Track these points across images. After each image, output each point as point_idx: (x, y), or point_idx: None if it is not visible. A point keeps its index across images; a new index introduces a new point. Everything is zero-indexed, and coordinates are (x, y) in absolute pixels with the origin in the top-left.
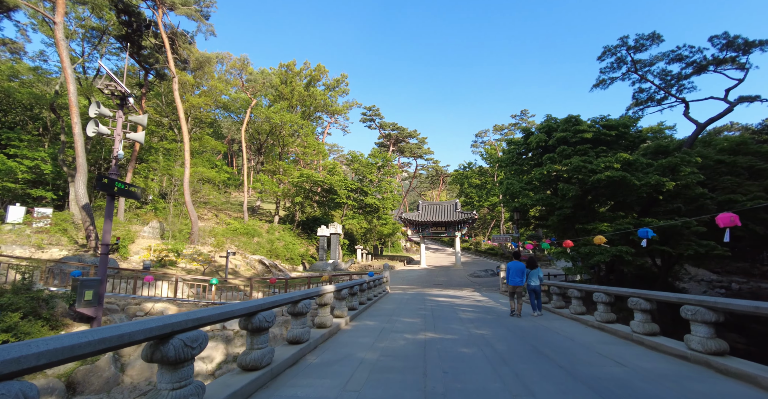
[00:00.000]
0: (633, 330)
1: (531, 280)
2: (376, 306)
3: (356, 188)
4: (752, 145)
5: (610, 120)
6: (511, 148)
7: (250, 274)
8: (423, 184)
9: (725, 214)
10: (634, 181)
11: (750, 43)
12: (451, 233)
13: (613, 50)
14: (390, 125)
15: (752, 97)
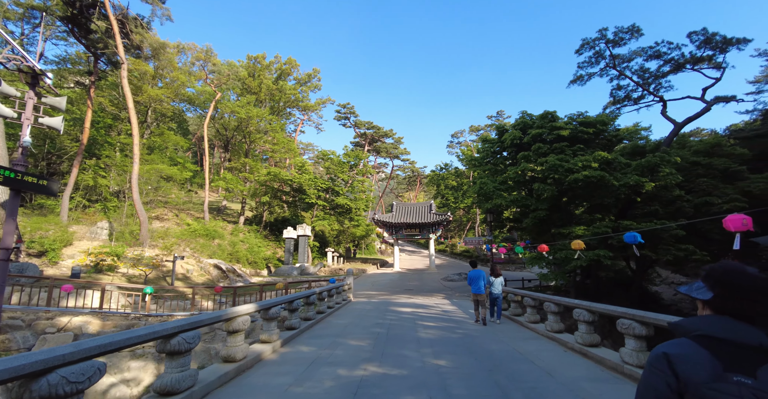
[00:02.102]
0: (624, 360)
1: (493, 287)
2: (329, 321)
3: (327, 188)
4: (727, 147)
5: (587, 117)
6: (486, 147)
7: (203, 279)
8: (400, 186)
9: (736, 216)
10: (612, 181)
11: (728, 40)
12: (426, 235)
13: (591, 43)
14: (365, 124)
15: (728, 97)
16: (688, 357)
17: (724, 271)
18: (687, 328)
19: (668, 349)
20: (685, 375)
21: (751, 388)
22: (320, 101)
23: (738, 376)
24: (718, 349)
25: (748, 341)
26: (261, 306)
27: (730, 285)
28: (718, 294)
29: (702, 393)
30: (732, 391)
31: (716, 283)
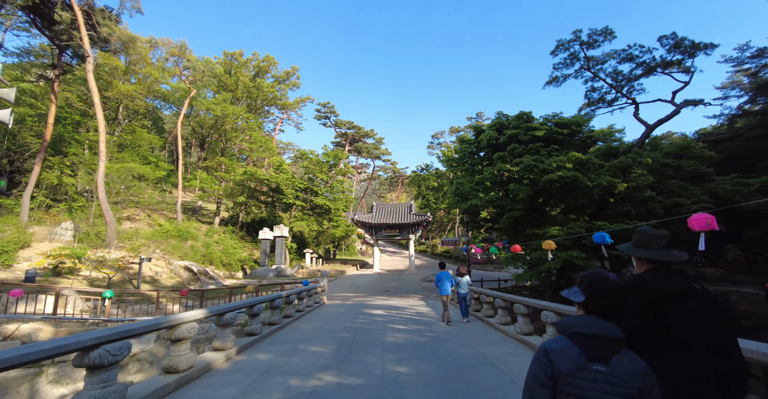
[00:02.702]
0: None
1: (460, 288)
2: (296, 325)
3: (305, 188)
4: (695, 149)
5: (562, 118)
6: (463, 147)
7: (173, 282)
8: (383, 186)
9: (700, 215)
10: (586, 181)
11: (696, 45)
12: (406, 236)
13: (566, 45)
14: (346, 123)
15: (697, 100)
16: (562, 351)
17: (591, 278)
18: (564, 326)
19: (548, 345)
20: (558, 366)
21: (604, 374)
22: (299, 100)
23: (596, 365)
24: (585, 343)
25: (608, 335)
26: (213, 312)
27: (596, 289)
28: (587, 297)
29: (567, 381)
30: (589, 378)
31: (586, 288)
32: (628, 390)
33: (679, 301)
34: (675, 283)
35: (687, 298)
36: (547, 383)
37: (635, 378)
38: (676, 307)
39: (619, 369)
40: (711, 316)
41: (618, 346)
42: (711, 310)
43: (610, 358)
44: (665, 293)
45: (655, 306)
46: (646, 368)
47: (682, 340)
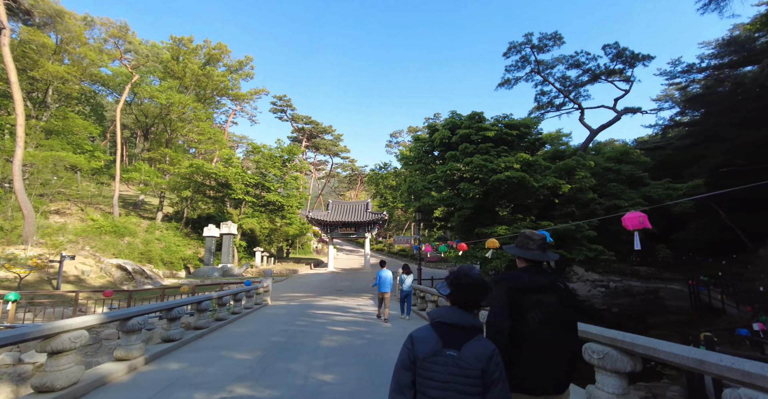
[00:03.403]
0: None
1: (403, 285)
2: (227, 329)
3: (257, 183)
4: (634, 155)
5: (512, 120)
6: (417, 145)
7: (102, 282)
8: (342, 184)
9: (633, 213)
10: (532, 182)
11: (635, 55)
12: (361, 234)
13: (518, 47)
14: (303, 118)
15: (635, 108)
16: (423, 338)
17: (456, 274)
18: (431, 316)
19: (415, 333)
20: (418, 351)
21: (454, 358)
22: (253, 91)
23: (449, 351)
24: (445, 331)
25: (464, 323)
26: (113, 317)
27: (458, 283)
28: (452, 290)
29: (423, 364)
30: (441, 362)
31: (451, 282)
32: (472, 371)
33: (533, 295)
34: (534, 280)
35: (541, 292)
36: (410, 367)
37: (480, 361)
38: (529, 299)
39: (468, 353)
40: (556, 309)
41: (473, 334)
42: (557, 304)
43: (463, 344)
44: (523, 288)
45: (513, 298)
46: (493, 353)
47: (530, 327)
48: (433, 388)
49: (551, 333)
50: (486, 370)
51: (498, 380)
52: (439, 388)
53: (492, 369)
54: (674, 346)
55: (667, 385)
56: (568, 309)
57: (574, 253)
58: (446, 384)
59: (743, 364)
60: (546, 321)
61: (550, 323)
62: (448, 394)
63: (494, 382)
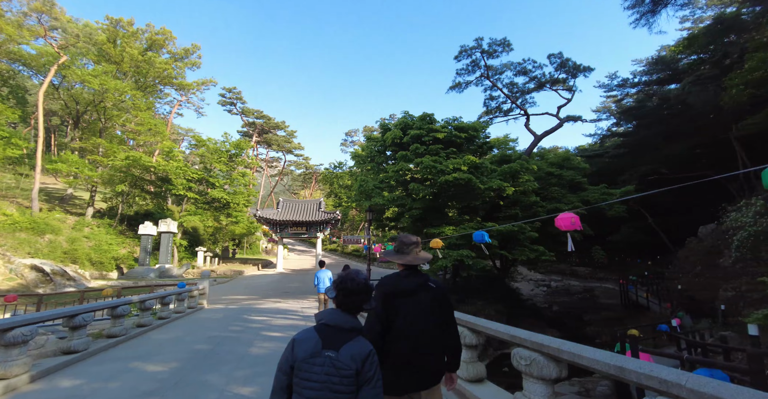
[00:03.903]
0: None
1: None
2: (148, 336)
3: (200, 178)
4: (574, 161)
5: (462, 122)
6: (370, 144)
7: (13, 285)
8: (296, 183)
9: (565, 214)
10: (478, 184)
11: (577, 66)
12: (313, 234)
13: (469, 51)
14: (254, 112)
15: (576, 117)
16: (304, 340)
17: (341, 278)
18: (317, 318)
19: (296, 336)
20: (297, 353)
21: (332, 358)
22: (200, 82)
23: (328, 351)
24: (326, 332)
25: (345, 325)
26: None
27: (341, 287)
28: (337, 294)
29: (300, 365)
30: (319, 363)
31: (336, 286)
32: (347, 371)
33: (406, 298)
34: (408, 283)
35: (413, 294)
36: (286, 370)
37: (356, 361)
38: (402, 302)
39: (345, 354)
40: (427, 310)
41: (353, 335)
42: (428, 305)
43: (342, 345)
44: (398, 291)
45: (388, 302)
46: (369, 353)
47: (400, 329)
48: (308, 388)
49: (420, 334)
50: (360, 370)
51: (370, 379)
52: (314, 388)
53: (366, 369)
54: (597, 352)
55: (598, 379)
56: (442, 308)
57: (517, 253)
58: (322, 384)
59: (661, 372)
60: (416, 322)
61: (420, 324)
62: (322, 394)
63: (367, 381)
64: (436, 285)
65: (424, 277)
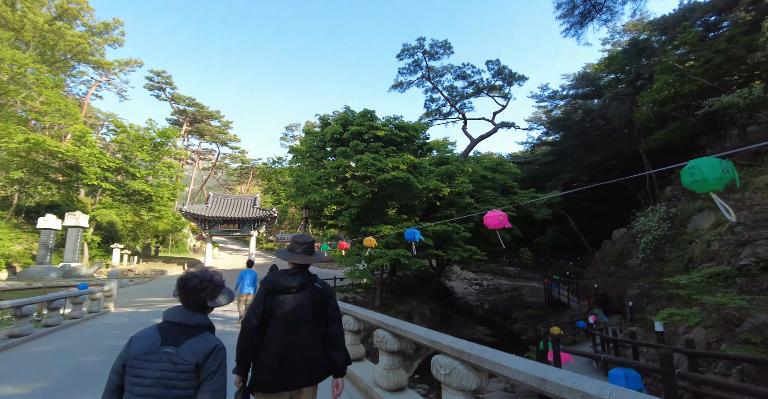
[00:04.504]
0: (376, 382)
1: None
2: (23, 348)
3: (118, 168)
4: (507, 166)
5: (403, 122)
6: (309, 139)
7: None
8: (231, 177)
9: (494, 212)
10: (416, 183)
11: (512, 74)
12: (247, 231)
13: (411, 50)
14: (186, 99)
15: (510, 123)
16: (141, 338)
17: (181, 277)
18: (163, 316)
19: (135, 334)
20: (132, 350)
21: (170, 354)
22: (124, 62)
23: (167, 348)
24: (168, 329)
25: (189, 322)
26: None
27: (181, 285)
28: (178, 292)
29: (133, 362)
30: (154, 359)
31: (177, 285)
32: (186, 366)
33: (287, 295)
34: (291, 281)
35: (294, 292)
36: (119, 369)
37: (197, 356)
38: (282, 300)
39: (185, 350)
40: (306, 309)
41: (198, 331)
42: (309, 304)
43: (183, 341)
44: (279, 289)
45: (268, 298)
46: (214, 348)
47: (276, 326)
48: (138, 385)
49: (295, 333)
50: (201, 364)
51: (212, 374)
52: (144, 385)
53: (209, 364)
54: (519, 362)
55: None
56: (326, 311)
57: (452, 253)
58: (154, 380)
59: (583, 385)
60: (292, 321)
61: (297, 323)
62: (153, 390)
63: (209, 376)
64: (323, 286)
65: (312, 277)
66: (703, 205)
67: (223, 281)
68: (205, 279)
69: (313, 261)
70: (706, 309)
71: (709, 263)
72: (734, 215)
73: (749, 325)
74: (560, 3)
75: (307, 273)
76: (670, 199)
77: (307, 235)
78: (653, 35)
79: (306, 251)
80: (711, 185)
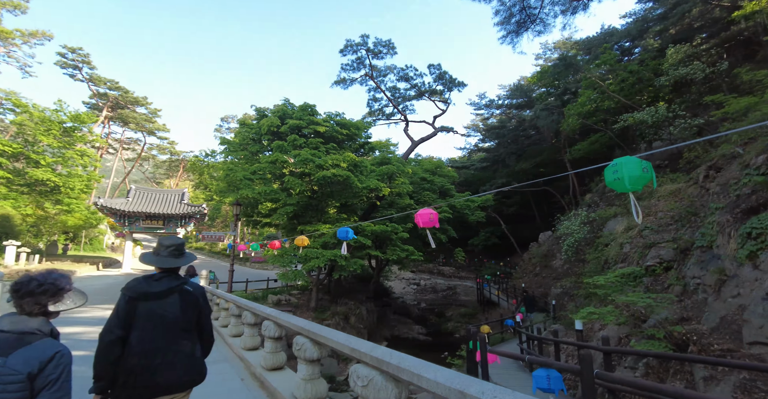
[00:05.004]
0: (294, 396)
1: None
2: None
3: (16, 153)
4: (445, 169)
5: (344, 119)
6: (243, 131)
7: None
8: (159, 170)
9: (424, 210)
10: (356, 182)
11: (453, 80)
12: (172, 229)
13: (354, 47)
14: (107, 81)
15: (449, 128)
16: None
17: (14, 283)
18: None
19: None
20: None
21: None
22: (28, 32)
23: None
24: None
25: (22, 329)
26: None
27: (14, 289)
28: (11, 298)
29: None
30: None
31: (9, 291)
32: (15, 376)
33: (151, 302)
34: (156, 286)
35: (160, 298)
36: None
37: (30, 365)
38: (146, 306)
39: (16, 358)
40: (174, 315)
41: (35, 338)
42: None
43: (15, 349)
44: (141, 295)
45: (131, 306)
46: (54, 355)
47: (140, 334)
48: None
49: (163, 341)
50: (37, 373)
51: (52, 383)
52: None
53: (48, 372)
54: (439, 372)
55: None
56: (197, 316)
57: (390, 253)
58: None
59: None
60: (158, 329)
61: (165, 331)
62: None
63: (47, 384)
64: (194, 289)
65: (181, 280)
66: (617, 211)
67: (69, 284)
68: (46, 282)
69: (182, 264)
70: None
71: (621, 264)
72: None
73: (653, 321)
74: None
75: (175, 277)
76: (590, 205)
77: (175, 237)
78: (579, 54)
79: (173, 254)
80: (631, 185)
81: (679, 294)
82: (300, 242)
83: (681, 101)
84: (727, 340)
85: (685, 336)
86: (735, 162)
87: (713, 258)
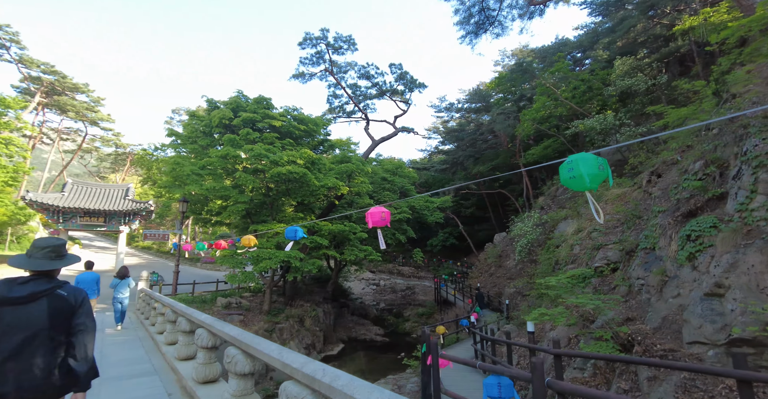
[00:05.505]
0: None
1: (118, 291)
2: None
3: None
4: (406, 170)
5: (302, 114)
6: (192, 122)
7: None
8: (104, 164)
9: (376, 208)
10: (314, 180)
11: (413, 80)
12: (115, 226)
13: (314, 41)
14: (41, 64)
15: (410, 129)
16: None
17: None
18: None
19: None
20: None
21: None
22: None
23: None
24: None
25: None
26: None
27: None
28: None
29: None
30: None
31: None
32: None
33: (12, 306)
34: (19, 290)
35: (24, 303)
36: None
37: None
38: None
39: None
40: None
41: None
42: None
43: None
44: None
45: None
46: None
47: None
48: None
49: (24, 352)
50: None
51: None
52: None
53: None
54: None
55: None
56: (69, 321)
57: (347, 253)
58: None
59: None
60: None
61: (25, 340)
62: None
63: None
64: (69, 293)
65: (53, 283)
66: (567, 213)
67: None
68: None
69: (60, 266)
70: (569, 308)
71: (571, 265)
72: (603, 217)
73: (601, 321)
74: (458, 9)
75: (46, 280)
76: (543, 208)
77: (52, 238)
78: (535, 61)
79: (48, 256)
80: (587, 183)
81: (625, 294)
82: (247, 242)
83: (626, 110)
84: (669, 340)
85: (630, 336)
86: (674, 168)
87: (656, 259)
